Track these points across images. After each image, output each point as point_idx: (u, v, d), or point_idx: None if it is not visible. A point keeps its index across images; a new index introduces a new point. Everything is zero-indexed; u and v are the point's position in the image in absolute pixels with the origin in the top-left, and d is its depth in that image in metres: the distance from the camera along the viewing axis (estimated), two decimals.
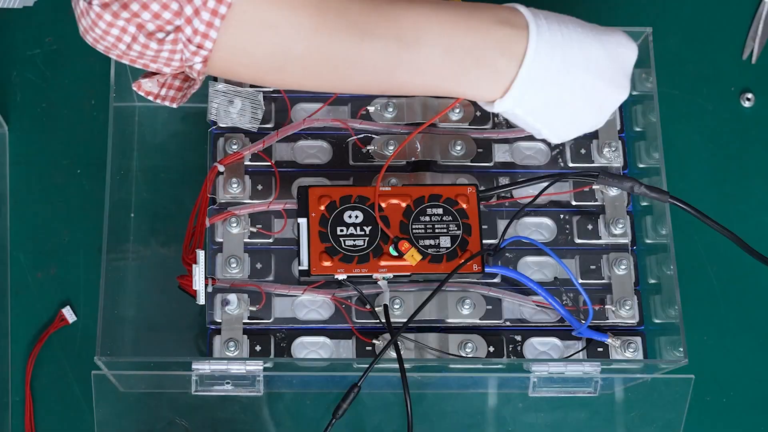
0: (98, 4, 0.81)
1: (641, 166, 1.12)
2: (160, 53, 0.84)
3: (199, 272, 1.01)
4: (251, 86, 1.09)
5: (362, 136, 1.09)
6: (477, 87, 0.90)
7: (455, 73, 0.89)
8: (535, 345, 1.05)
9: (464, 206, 1.05)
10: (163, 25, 0.82)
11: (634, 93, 1.12)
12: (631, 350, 1.03)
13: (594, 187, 1.08)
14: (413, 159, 1.09)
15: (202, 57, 0.84)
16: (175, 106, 0.93)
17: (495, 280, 1.06)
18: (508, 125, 1.11)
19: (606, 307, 1.06)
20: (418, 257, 1.02)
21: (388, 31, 0.87)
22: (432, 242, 1.03)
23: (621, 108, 1.11)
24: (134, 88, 0.91)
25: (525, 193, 1.08)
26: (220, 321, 1.03)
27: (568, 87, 0.91)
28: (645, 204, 1.10)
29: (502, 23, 0.89)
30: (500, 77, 0.89)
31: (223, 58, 0.86)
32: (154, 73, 0.91)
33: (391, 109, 1.10)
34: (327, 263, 1.02)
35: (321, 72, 0.88)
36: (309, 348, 1.04)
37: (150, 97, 0.92)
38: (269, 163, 1.08)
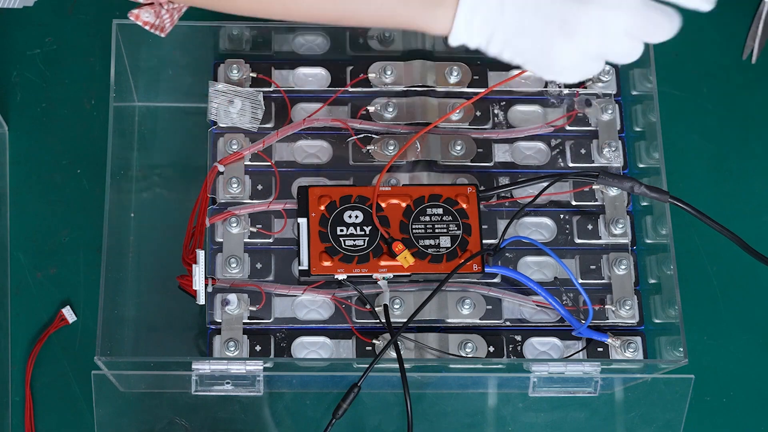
0: None
1: (641, 166, 1.12)
2: None
3: (199, 272, 1.01)
4: (251, 86, 1.09)
5: (362, 136, 1.09)
6: (431, 18, 0.87)
7: (405, 2, 0.87)
8: (535, 345, 1.05)
9: (464, 206, 1.05)
10: None
11: (634, 93, 1.12)
12: (631, 350, 1.03)
13: (594, 187, 1.08)
14: (413, 159, 1.09)
15: None
16: (163, 35, 0.94)
17: (495, 280, 1.06)
18: (508, 125, 1.11)
19: (606, 307, 1.06)
20: (411, 260, 1.02)
21: None
22: (432, 242, 1.03)
23: (621, 108, 1.11)
24: (131, 19, 0.92)
25: (525, 193, 1.08)
26: (220, 321, 1.03)
27: (518, 8, 0.85)
28: (645, 204, 1.10)
29: None
30: (447, 6, 0.86)
31: None
32: (149, 4, 0.91)
33: (391, 109, 1.10)
34: (327, 263, 1.02)
35: None
36: (309, 348, 1.04)
37: (147, 27, 0.93)
38: (269, 163, 1.08)
